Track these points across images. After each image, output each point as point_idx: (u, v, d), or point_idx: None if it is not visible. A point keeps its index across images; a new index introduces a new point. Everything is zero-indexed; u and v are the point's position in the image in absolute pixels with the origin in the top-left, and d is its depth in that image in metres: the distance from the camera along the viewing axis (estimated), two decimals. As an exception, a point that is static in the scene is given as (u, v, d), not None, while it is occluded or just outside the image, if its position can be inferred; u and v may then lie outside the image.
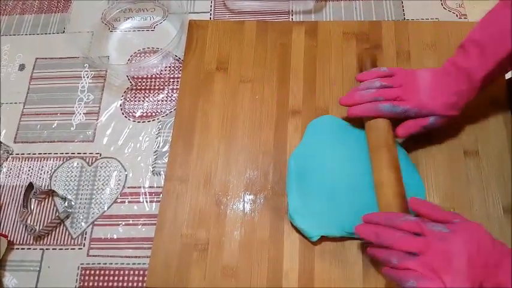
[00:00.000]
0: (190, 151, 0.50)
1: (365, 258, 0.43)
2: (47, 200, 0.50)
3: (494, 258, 0.33)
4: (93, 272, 0.46)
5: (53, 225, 0.48)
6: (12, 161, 0.52)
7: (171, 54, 0.56)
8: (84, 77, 0.57)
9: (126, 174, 0.50)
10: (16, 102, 0.56)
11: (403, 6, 0.57)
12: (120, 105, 0.55)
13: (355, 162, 0.46)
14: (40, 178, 0.51)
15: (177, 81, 0.55)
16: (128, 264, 0.46)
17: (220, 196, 0.47)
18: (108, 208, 0.49)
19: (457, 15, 0.57)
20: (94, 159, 0.52)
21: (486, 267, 0.32)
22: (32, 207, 0.50)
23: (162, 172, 0.50)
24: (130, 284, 0.45)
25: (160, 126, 0.53)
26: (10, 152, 0.53)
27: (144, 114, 0.54)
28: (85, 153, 0.52)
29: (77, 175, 0.51)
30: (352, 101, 0.45)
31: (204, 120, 0.51)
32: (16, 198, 0.50)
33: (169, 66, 0.56)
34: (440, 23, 0.55)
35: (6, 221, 0.49)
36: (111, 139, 0.53)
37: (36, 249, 0.47)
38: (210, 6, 0.60)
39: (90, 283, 0.45)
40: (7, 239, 0.48)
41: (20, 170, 0.52)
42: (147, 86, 0.55)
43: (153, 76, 0.56)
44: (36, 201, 0.50)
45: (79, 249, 0.47)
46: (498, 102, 0.49)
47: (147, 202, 0.49)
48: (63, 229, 0.48)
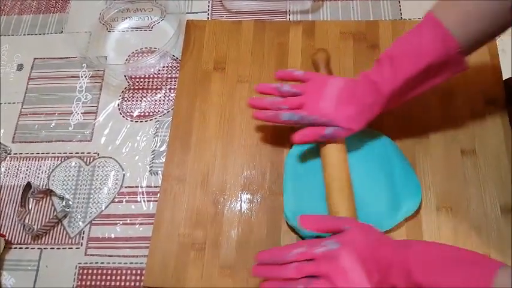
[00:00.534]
0: (188, 151, 0.50)
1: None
2: (44, 199, 0.50)
3: (384, 260, 0.33)
4: (90, 271, 0.46)
5: (51, 224, 0.48)
6: (10, 160, 0.53)
7: (168, 54, 0.57)
8: (82, 77, 0.57)
9: (123, 174, 0.50)
10: (14, 102, 0.56)
11: (400, 6, 0.58)
12: (118, 105, 0.55)
13: (350, 162, 0.46)
14: (38, 178, 0.51)
15: (175, 81, 0.55)
16: (126, 263, 0.46)
17: (218, 196, 0.47)
18: (105, 207, 0.49)
19: (454, 15, 0.57)
20: (92, 158, 0.52)
21: (381, 271, 0.33)
22: (29, 207, 0.50)
23: (159, 172, 0.50)
24: (127, 283, 0.45)
25: (157, 125, 0.53)
26: (8, 151, 0.53)
27: (142, 113, 0.54)
28: (83, 153, 0.52)
29: (75, 175, 0.51)
30: (261, 105, 0.45)
31: (201, 119, 0.51)
32: (14, 198, 0.50)
33: (166, 66, 0.57)
34: (437, 23, 0.55)
35: (4, 220, 0.49)
36: (108, 139, 0.53)
37: (34, 249, 0.48)
38: (208, 6, 0.60)
39: (88, 282, 0.46)
40: (5, 238, 0.48)
41: (18, 169, 0.52)
42: (144, 85, 0.56)
43: (151, 76, 0.56)
44: (34, 201, 0.50)
45: (77, 248, 0.47)
46: (495, 102, 0.49)
47: (144, 202, 0.49)
48: (61, 228, 0.48)
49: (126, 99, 0.55)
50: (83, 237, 0.48)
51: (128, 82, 0.56)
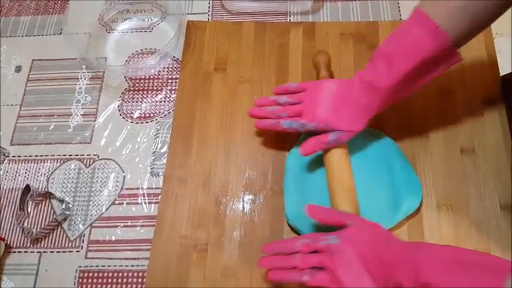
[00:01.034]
0: (189, 152, 0.49)
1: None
2: (44, 202, 0.50)
3: (389, 258, 0.33)
4: (91, 274, 0.45)
5: (51, 227, 0.48)
6: (9, 163, 0.52)
7: (169, 55, 0.56)
8: (81, 79, 0.57)
9: (124, 176, 0.50)
10: (12, 104, 0.55)
11: (399, 6, 0.58)
12: (118, 107, 0.54)
13: (351, 161, 0.46)
14: (37, 180, 0.51)
15: (175, 82, 0.55)
16: (127, 266, 0.46)
17: (220, 196, 0.47)
18: (106, 210, 0.48)
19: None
20: (92, 160, 0.51)
21: (384, 267, 0.33)
22: (29, 210, 0.49)
23: (160, 173, 0.50)
24: (129, 286, 0.45)
25: (158, 127, 0.53)
26: (6, 154, 0.53)
27: (142, 115, 0.54)
28: (82, 155, 0.52)
29: (75, 177, 0.50)
30: (261, 114, 0.46)
31: (202, 120, 0.51)
32: (13, 201, 0.50)
33: (167, 67, 0.56)
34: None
35: (3, 224, 0.49)
36: (108, 140, 0.52)
37: (33, 252, 0.47)
38: (208, 7, 0.60)
39: (89, 286, 0.45)
40: (4, 242, 0.47)
41: (16, 172, 0.51)
42: (145, 87, 0.55)
43: (151, 77, 0.56)
44: (33, 204, 0.49)
45: (77, 251, 0.47)
46: (493, 100, 0.50)
47: (145, 203, 0.49)
48: (60, 231, 0.48)
49: (126, 101, 0.55)
50: (83, 240, 0.47)
51: (128, 83, 0.56)
